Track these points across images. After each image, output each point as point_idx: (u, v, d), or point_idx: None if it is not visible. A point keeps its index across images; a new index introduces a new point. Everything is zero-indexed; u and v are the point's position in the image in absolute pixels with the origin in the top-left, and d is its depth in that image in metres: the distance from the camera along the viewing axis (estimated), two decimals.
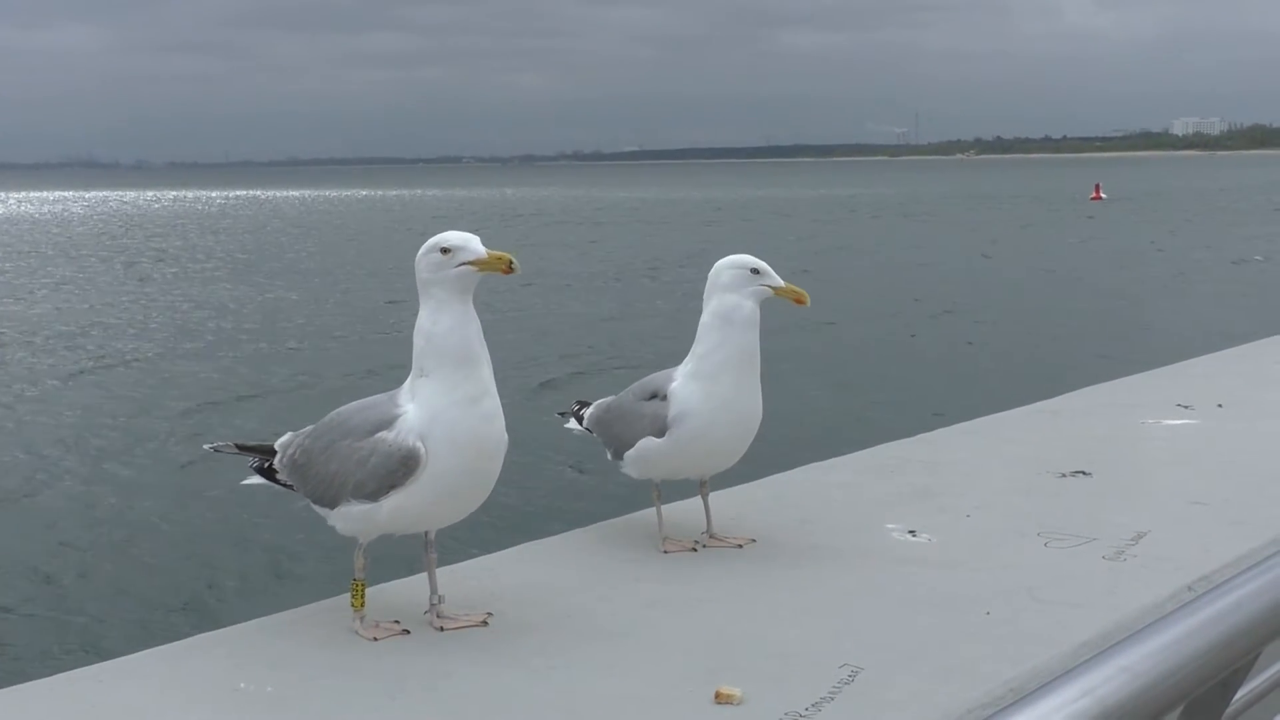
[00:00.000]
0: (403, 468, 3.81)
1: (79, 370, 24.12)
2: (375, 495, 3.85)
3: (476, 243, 3.85)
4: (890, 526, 5.06)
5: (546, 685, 3.56)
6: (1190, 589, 4.18)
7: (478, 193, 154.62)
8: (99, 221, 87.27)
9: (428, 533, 4.05)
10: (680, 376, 4.72)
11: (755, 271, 4.66)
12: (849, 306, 29.55)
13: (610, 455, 4.96)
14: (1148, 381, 8.50)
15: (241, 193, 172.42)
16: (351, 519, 3.94)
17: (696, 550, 4.79)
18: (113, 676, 3.68)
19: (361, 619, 3.97)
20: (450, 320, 3.84)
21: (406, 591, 4.27)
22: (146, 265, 49.37)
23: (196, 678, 3.63)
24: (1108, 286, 34.25)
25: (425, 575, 4.09)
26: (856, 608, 4.16)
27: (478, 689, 3.53)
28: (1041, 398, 7.92)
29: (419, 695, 3.50)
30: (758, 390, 4.71)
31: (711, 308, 4.67)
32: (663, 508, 4.90)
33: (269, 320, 31.07)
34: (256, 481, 4.27)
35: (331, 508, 3.97)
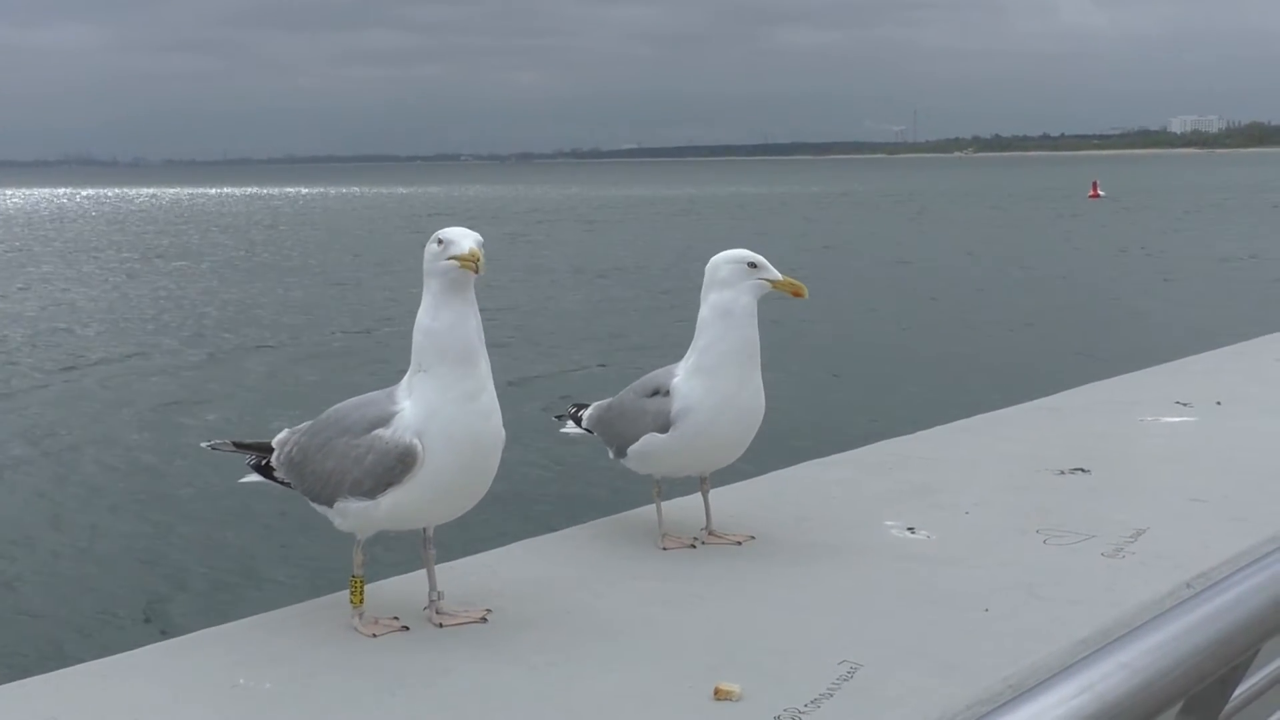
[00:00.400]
0: (399, 465, 3.80)
1: (65, 366, 24.03)
2: (372, 493, 3.85)
3: (469, 239, 3.82)
4: (889, 523, 5.07)
5: (546, 682, 3.56)
6: (1189, 586, 4.19)
7: (475, 190, 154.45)
8: (87, 222, 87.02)
9: (426, 529, 4.05)
10: (682, 372, 4.70)
11: (753, 265, 4.64)
12: (847, 303, 29.57)
13: (612, 454, 4.93)
14: (1146, 379, 8.50)
15: (238, 190, 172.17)
16: (349, 516, 3.93)
17: (695, 547, 4.79)
18: (113, 672, 3.68)
19: (360, 615, 3.96)
20: (450, 316, 3.83)
21: (405, 588, 4.26)
22: (136, 263, 49.19)
23: (196, 674, 3.63)
24: (1106, 283, 34.25)
25: (424, 571, 4.08)
26: (855, 604, 4.16)
27: (477, 685, 3.53)
28: (1040, 395, 7.92)
29: (418, 691, 3.50)
30: (759, 383, 4.70)
31: (710, 302, 4.65)
32: (662, 504, 4.89)
33: (269, 317, 31.01)
34: (254, 480, 4.27)
35: (329, 505, 3.97)
